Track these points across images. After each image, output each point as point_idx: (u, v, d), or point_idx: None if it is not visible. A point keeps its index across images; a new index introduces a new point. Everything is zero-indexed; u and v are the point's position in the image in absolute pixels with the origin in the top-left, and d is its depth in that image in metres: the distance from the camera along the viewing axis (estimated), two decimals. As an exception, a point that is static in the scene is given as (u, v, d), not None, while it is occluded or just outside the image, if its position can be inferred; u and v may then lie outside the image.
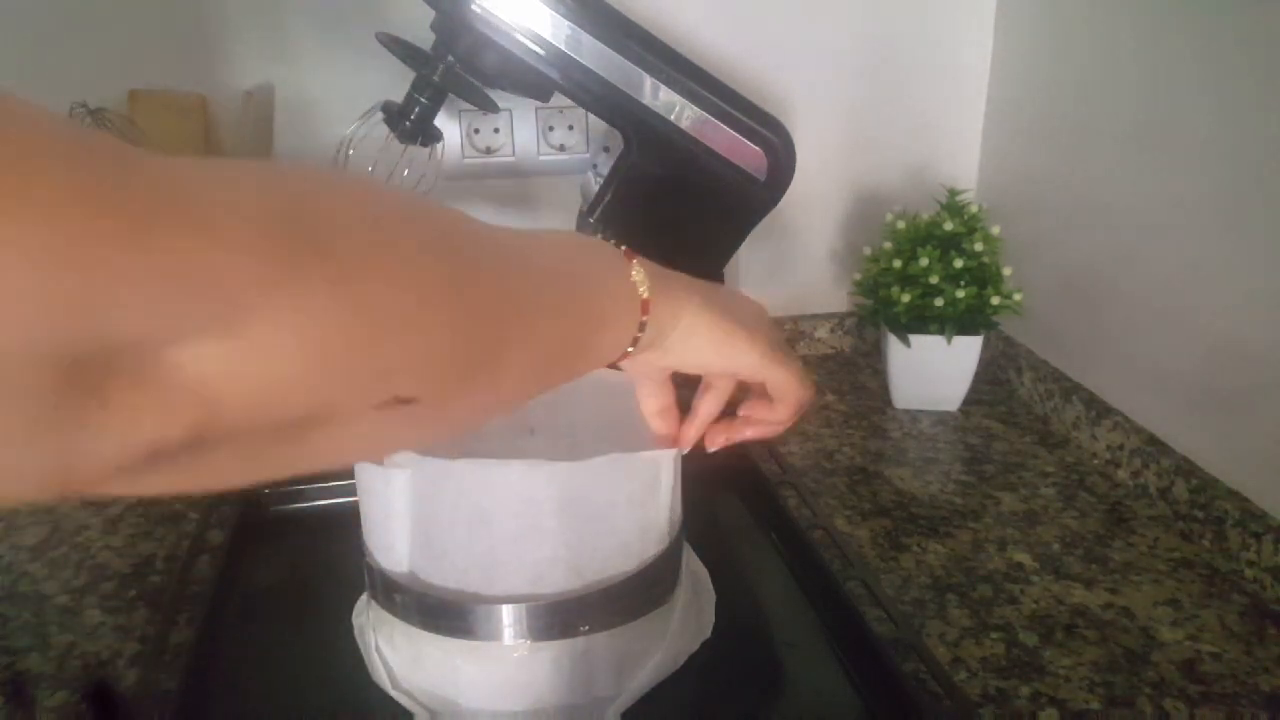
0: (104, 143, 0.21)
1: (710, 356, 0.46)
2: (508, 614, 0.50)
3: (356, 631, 0.59)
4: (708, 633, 0.59)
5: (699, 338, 0.44)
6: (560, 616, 0.51)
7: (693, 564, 0.62)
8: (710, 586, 0.63)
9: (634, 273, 0.41)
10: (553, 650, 0.51)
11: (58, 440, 0.21)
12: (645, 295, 0.41)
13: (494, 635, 0.51)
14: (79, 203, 0.19)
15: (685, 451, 0.54)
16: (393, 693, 0.53)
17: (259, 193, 0.24)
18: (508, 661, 0.51)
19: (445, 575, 0.51)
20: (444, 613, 0.51)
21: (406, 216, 0.30)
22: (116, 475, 0.23)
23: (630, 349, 0.41)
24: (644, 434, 0.54)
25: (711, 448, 0.53)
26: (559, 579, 0.50)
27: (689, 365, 0.47)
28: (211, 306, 0.22)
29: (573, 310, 0.38)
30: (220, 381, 0.23)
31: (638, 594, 0.53)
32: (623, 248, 0.42)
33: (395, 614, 0.53)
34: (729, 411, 0.53)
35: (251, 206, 0.24)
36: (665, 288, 0.42)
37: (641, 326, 0.41)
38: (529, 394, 0.37)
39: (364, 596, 0.60)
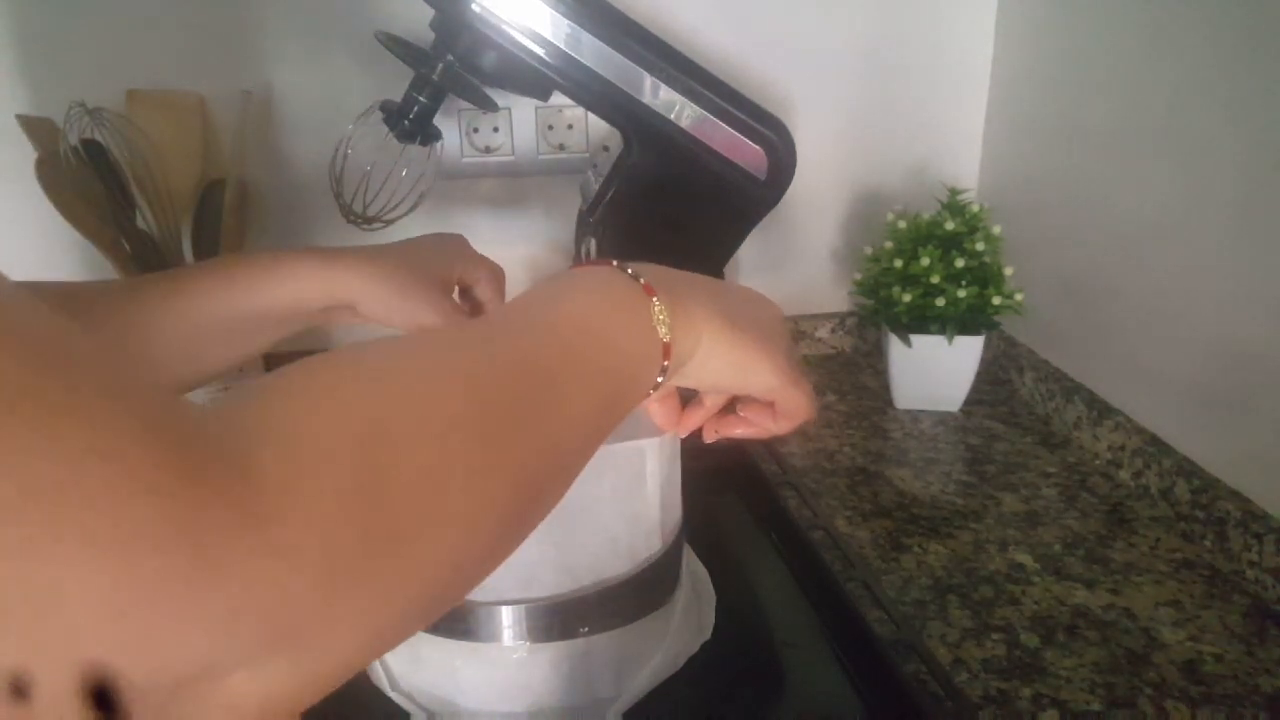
0: (172, 447, 0.20)
1: (727, 380, 0.45)
2: (507, 615, 0.50)
3: None
4: (708, 634, 0.59)
5: (716, 361, 0.42)
6: (559, 618, 0.50)
7: (693, 565, 0.62)
8: (710, 587, 0.62)
9: (655, 313, 0.38)
10: (552, 652, 0.51)
11: None
12: (666, 339, 0.39)
13: (493, 637, 0.50)
14: (151, 536, 0.18)
15: (683, 437, 0.53)
16: (391, 694, 0.53)
17: (323, 457, 0.24)
18: (507, 663, 0.51)
19: None
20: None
21: (464, 414, 0.29)
22: None
23: (651, 391, 0.40)
24: (632, 424, 0.54)
25: (709, 439, 0.52)
26: (551, 579, 0.50)
27: (703, 386, 0.46)
28: (278, 631, 0.22)
29: (603, 410, 0.37)
30: (284, 692, 0.23)
31: (637, 595, 0.53)
32: (641, 281, 0.39)
33: None
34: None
35: (317, 484, 0.23)
36: (685, 319, 0.40)
37: (663, 370, 0.39)
38: (562, 496, 0.36)
39: None
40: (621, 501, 0.52)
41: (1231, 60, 0.70)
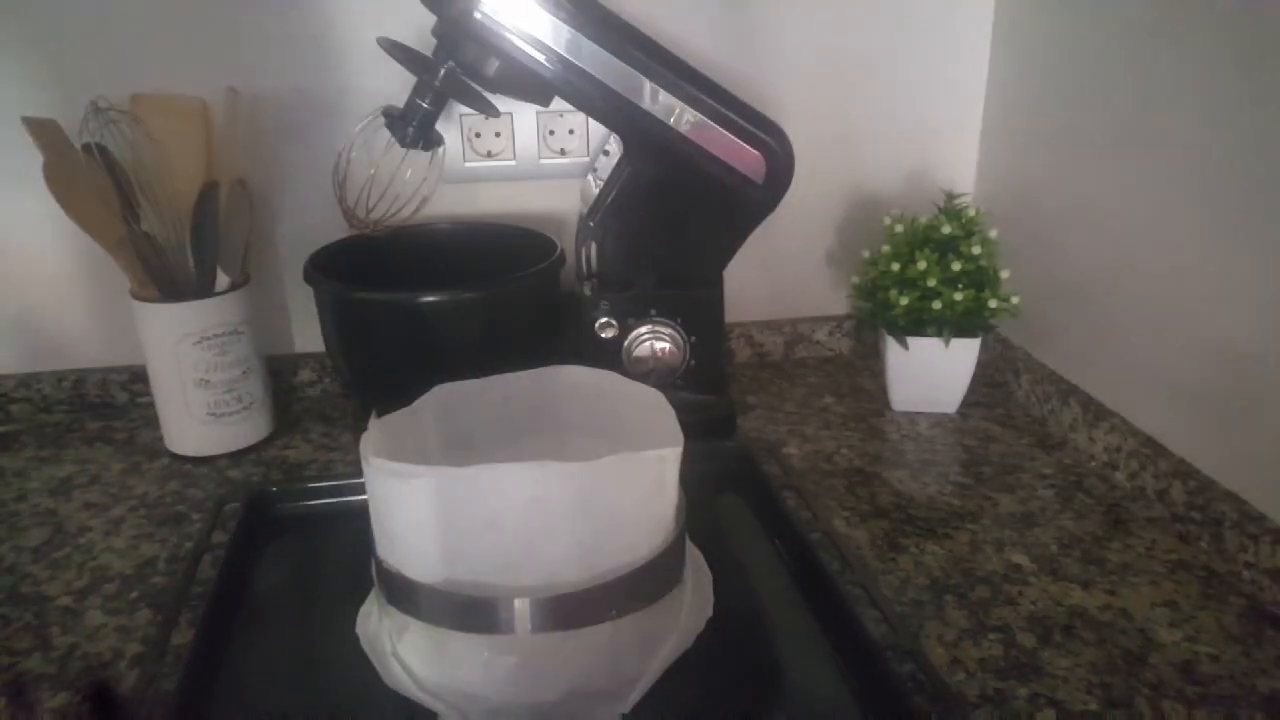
0: None
1: None
2: (531, 607, 0.51)
3: (364, 643, 0.58)
4: (710, 610, 0.60)
5: None
6: (586, 607, 0.52)
7: (689, 548, 0.64)
8: (705, 565, 0.64)
9: None
10: (579, 639, 0.52)
11: None
12: None
13: (519, 629, 0.51)
14: None
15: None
16: (419, 695, 0.53)
17: None
18: (535, 653, 0.52)
19: (466, 576, 0.51)
20: (468, 611, 0.52)
21: None
22: None
23: None
24: (637, 432, 0.55)
25: None
26: (573, 576, 0.51)
27: None
28: None
29: None
30: None
31: (655, 579, 0.55)
32: None
33: (418, 617, 0.53)
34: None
35: None
36: None
37: None
38: None
39: (366, 608, 0.60)
40: (644, 506, 0.54)
41: (1224, 65, 0.71)
